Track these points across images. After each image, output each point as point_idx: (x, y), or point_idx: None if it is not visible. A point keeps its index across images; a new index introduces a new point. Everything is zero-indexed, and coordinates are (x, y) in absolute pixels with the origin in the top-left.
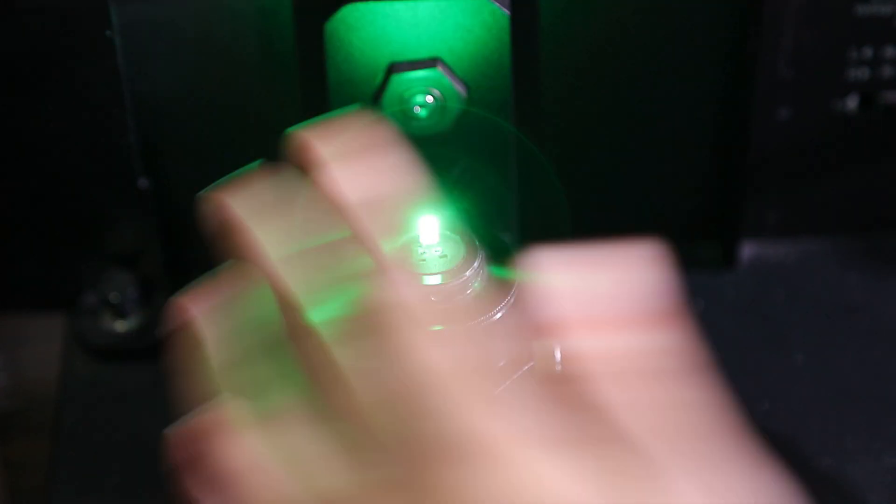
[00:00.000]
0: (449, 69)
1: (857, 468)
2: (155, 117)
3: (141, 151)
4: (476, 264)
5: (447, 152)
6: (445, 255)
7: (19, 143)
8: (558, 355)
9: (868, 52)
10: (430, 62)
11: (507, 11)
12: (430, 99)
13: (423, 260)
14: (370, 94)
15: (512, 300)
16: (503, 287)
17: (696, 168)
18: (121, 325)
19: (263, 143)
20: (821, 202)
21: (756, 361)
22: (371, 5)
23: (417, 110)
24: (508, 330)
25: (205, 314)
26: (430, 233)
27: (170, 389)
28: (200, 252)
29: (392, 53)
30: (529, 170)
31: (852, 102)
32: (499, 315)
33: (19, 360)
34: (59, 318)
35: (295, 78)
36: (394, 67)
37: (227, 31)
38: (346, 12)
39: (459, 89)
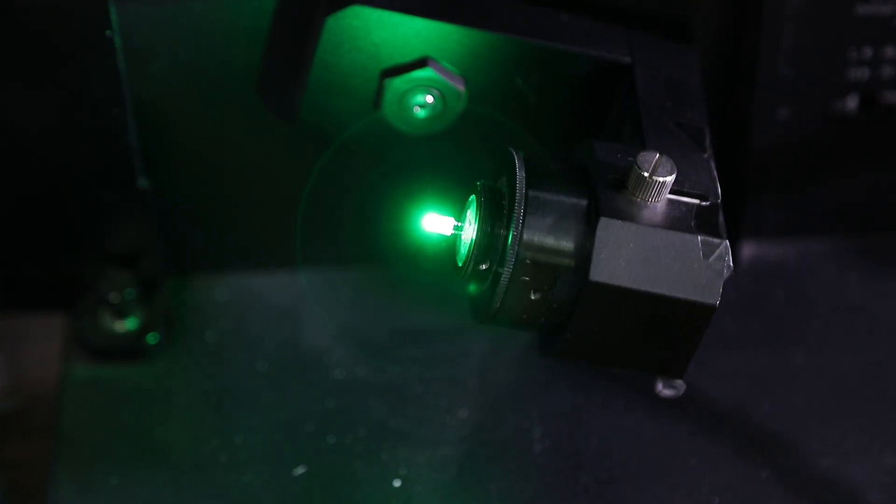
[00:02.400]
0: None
1: (857, 468)
2: (155, 117)
3: (141, 151)
4: (482, 198)
5: (447, 152)
6: (472, 223)
7: (19, 142)
8: (654, 161)
9: (868, 52)
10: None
11: None
12: (429, 99)
13: (465, 241)
14: (366, 99)
15: (522, 206)
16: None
17: None
18: (121, 325)
19: (263, 142)
20: (821, 202)
21: (756, 361)
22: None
23: (417, 111)
24: None
25: None
26: (444, 225)
27: (170, 389)
28: (200, 252)
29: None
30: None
31: (852, 102)
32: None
33: (19, 360)
34: (59, 318)
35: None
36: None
37: (227, 31)
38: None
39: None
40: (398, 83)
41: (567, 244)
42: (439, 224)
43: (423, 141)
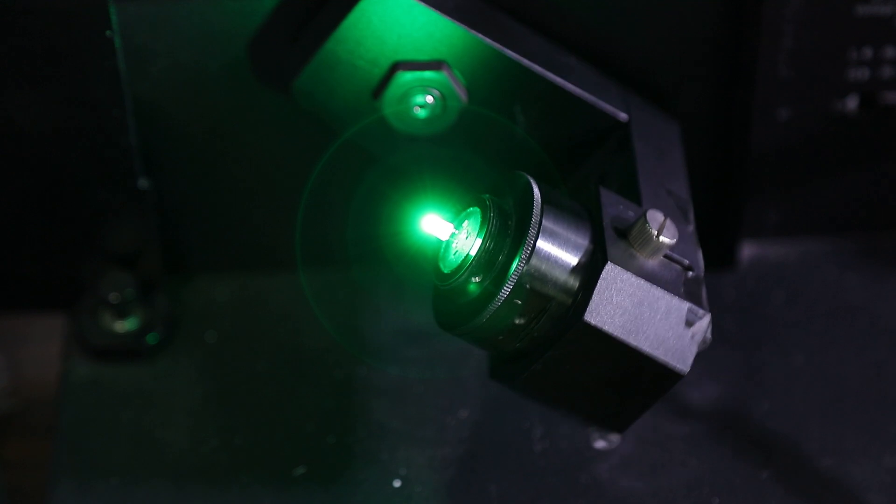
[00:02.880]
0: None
1: (857, 468)
2: (155, 117)
3: (141, 151)
4: (490, 211)
5: (448, 152)
6: (470, 232)
7: (19, 142)
8: (659, 219)
9: (868, 52)
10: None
11: None
12: (429, 99)
13: (457, 251)
14: (365, 86)
15: (536, 231)
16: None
17: (696, 168)
18: (121, 325)
19: (263, 142)
20: (821, 202)
21: (756, 361)
22: (308, 69)
23: (417, 110)
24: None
25: None
26: (442, 228)
27: (170, 389)
28: (200, 252)
29: (368, 79)
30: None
31: (852, 102)
32: (530, 252)
33: (19, 360)
34: (59, 318)
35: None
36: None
37: (226, 31)
38: (298, 87)
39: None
40: (408, 77)
41: (567, 280)
42: (437, 227)
43: (421, 142)
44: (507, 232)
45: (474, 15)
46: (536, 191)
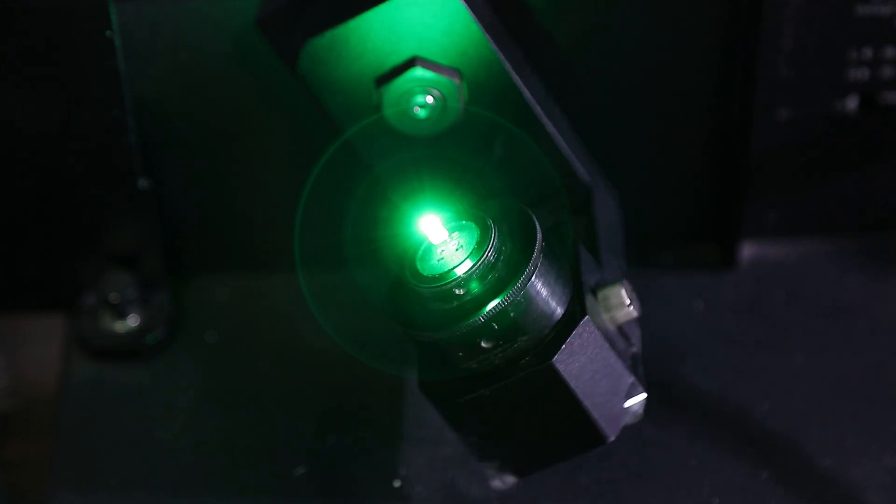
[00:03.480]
0: (430, 63)
1: (857, 468)
2: (155, 117)
3: (141, 151)
4: (493, 237)
5: (448, 152)
6: (462, 245)
7: (19, 142)
8: (625, 296)
9: (868, 52)
10: (409, 63)
11: None
12: (429, 99)
13: (442, 258)
14: (367, 103)
15: (536, 265)
16: (522, 259)
17: (696, 168)
18: (121, 325)
19: (263, 142)
20: (821, 202)
21: (756, 361)
22: (331, 33)
23: (417, 111)
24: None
25: None
26: (438, 232)
27: (170, 389)
28: (200, 252)
29: (377, 66)
30: (528, 169)
31: (852, 102)
32: (526, 283)
33: (19, 360)
34: (59, 318)
35: (294, 78)
36: (379, 80)
37: (227, 31)
38: (311, 48)
39: (451, 78)
40: (423, 75)
41: (545, 321)
42: (433, 229)
43: (423, 142)
44: (501, 257)
45: (502, 38)
46: (539, 233)
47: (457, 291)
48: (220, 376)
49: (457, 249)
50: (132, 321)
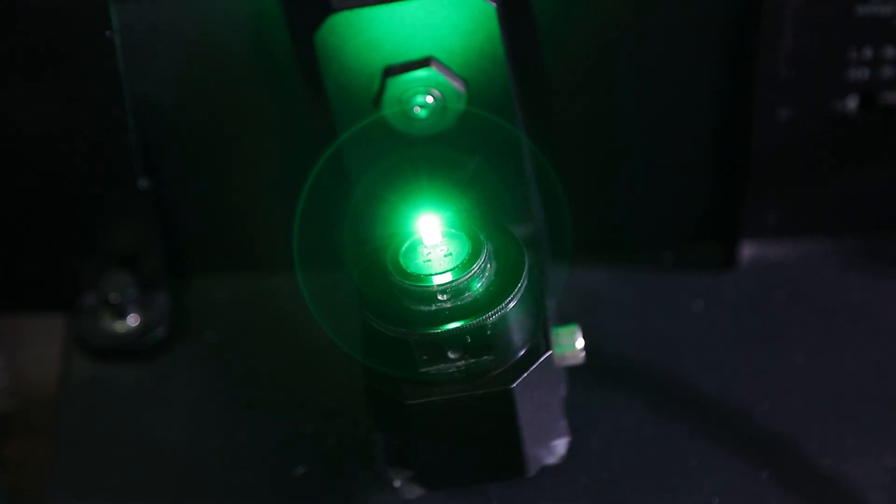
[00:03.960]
0: (444, 67)
1: (857, 468)
2: (155, 117)
3: (141, 151)
4: (483, 258)
5: (449, 152)
6: (451, 254)
7: (19, 142)
8: (579, 339)
9: (868, 52)
10: (424, 62)
11: (492, 2)
12: (429, 99)
13: (429, 260)
14: (370, 97)
15: (522, 288)
16: (513, 276)
17: (696, 168)
18: (121, 325)
19: (263, 143)
20: (821, 202)
21: (756, 361)
22: (358, 12)
23: (417, 111)
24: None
25: None
26: (433, 232)
27: (170, 389)
28: (200, 252)
29: (386, 57)
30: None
31: (852, 102)
32: (511, 305)
33: (19, 360)
34: (59, 318)
35: (294, 78)
36: (389, 71)
37: (226, 31)
38: (334, 21)
39: (457, 86)
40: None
41: (513, 346)
42: (430, 229)
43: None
44: (486, 274)
45: (513, 63)
46: (527, 260)
47: (440, 297)
48: (220, 376)
49: (446, 255)
50: (132, 321)
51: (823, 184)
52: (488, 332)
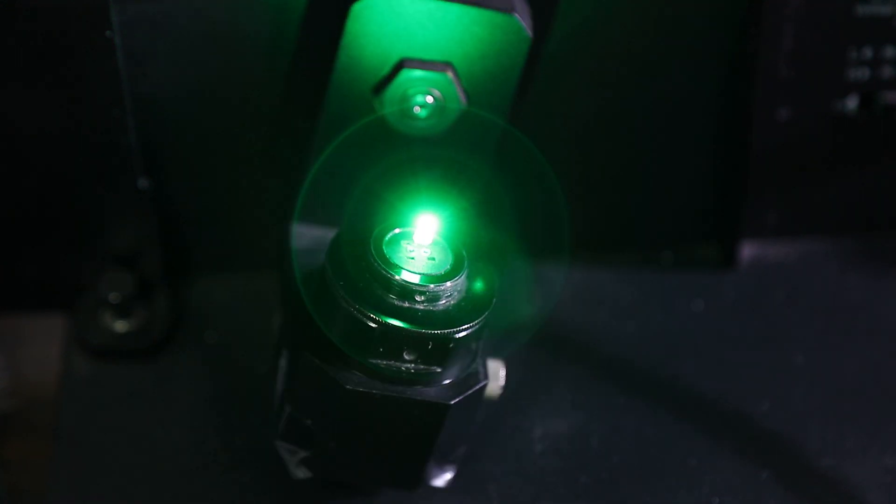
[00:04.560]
0: (458, 77)
1: (857, 468)
2: (155, 117)
3: (141, 151)
4: (459, 278)
5: (446, 152)
6: (434, 259)
7: (19, 142)
8: (503, 376)
9: (868, 52)
10: (443, 66)
11: (529, 34)
12: (430, 99)
13: (412, 257)
14: (371, 83)
15: (480, 322)
16: (479, 305)
17: (696, 168)
18: (121, 325)
19: (264, 142)
20: (821, 202)
21: (756, 361)
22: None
23: (417, 110)
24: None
25: None
26: (426, 232)
27: (170, 389)
28: (200, 252)
29: (405, 50)
30: (527, 170)
31: (852, 102)
32: (462, 334)
33: (19, 360)
34: (59, 318)
35: (295, 77)
36: (405, 63)
37: (227, 31)
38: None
39: (462, 98)
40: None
41: (462, 366)
42: (426, 228)
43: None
44: (461, 289)
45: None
46: (495, 301)
47: (417, 297)
48: (220, 376)
49: (429, 259)
50: (132, 321)
51: (823, 184)
52: (450, 346)
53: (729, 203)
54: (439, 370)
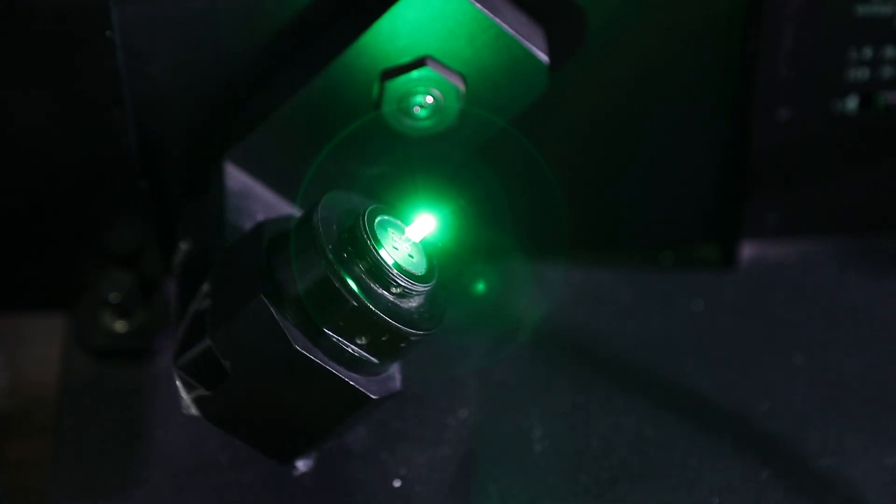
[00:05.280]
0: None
1: (857, 468)
2: (155, 117)
3: (141, 151)
4: (430, 285)
5: (446, 153)
6: (413, 258)
7: (19, 142)
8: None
9: (868, 52)
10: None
11: (547, 81)
12: (429, 99)
13: (395, 248)
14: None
15: (432, 333)
16: (435, 318)
17: (696, 168)
18: (121, 325)
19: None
20: (821, 202)
21: (756, 361)
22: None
23: (417, 111)
24: None
25: None
26: (419, 231)
27: (170, 389)
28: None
29: (429, 48)
30: (526, 170)
31: (852, 102)
32: (417, 338)
33: (19, 360)
34: (59, 318)
35: (295, 76)
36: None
37: (227, 31)
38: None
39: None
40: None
41: (392, 365)
42: (424, 226)
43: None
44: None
45: None
46: (443, 322)
47: (393, 289)
48: None
49: (409, 255)
50: (132, 321)
51: (823, 184)
52: (400, 345)
53: (729, 203)
54: (377, 363)
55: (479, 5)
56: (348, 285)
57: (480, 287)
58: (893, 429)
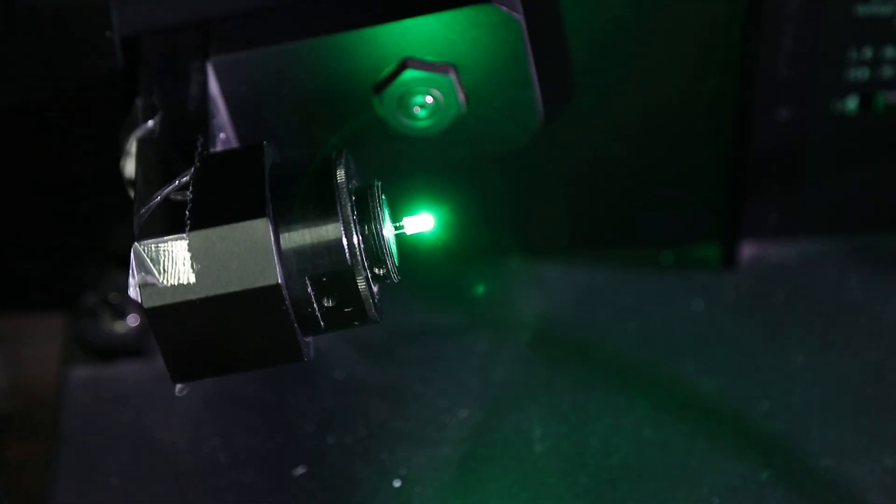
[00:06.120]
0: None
1: (857, 468)
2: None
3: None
4: (395, 280)
5: (445, 153)
6: (392, 248)
7: (19, 143)
8: None
9: (868, 52)
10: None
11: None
12: (429, 100)
13: (384, 234)
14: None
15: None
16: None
17: (695, 168)
18: (121, 325)
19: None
20: (821, 202)
21: (756, 361)
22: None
23: (417, 110)
24: None
25: None
26: (416, 225)
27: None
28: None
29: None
30: (526, 169)
31: (852, 102)
32: (373, 321)
33: (19, 360)
34: (59, 318)
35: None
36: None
37: None
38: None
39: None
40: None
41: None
42: (420, 224)
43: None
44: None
45: None
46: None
47: (377, 269)
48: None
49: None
50: (132, 321)
51: (823, 184)
52: (353, 322)
53: (729, 203)
54: (322, 328)
55: (529, 50)
56: (354, 246)
57: (480, 288)
58: (893, 429)
